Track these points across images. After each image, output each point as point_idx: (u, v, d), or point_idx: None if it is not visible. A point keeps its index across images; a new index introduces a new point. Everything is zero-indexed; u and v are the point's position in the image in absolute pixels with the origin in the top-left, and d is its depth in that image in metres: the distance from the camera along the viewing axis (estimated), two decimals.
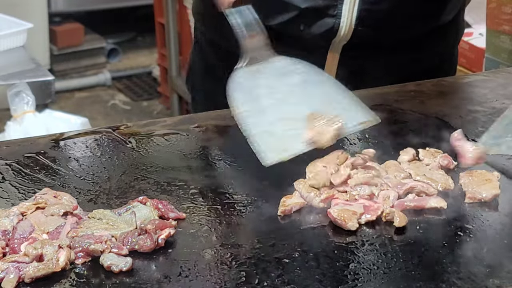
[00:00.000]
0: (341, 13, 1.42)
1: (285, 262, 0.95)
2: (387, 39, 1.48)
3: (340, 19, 1.42)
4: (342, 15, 1.42)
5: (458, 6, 1.58)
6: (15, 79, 2.66)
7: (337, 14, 1.42)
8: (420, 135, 1.25)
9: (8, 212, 1.00)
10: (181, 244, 0.98)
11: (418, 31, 1.52)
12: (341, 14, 1.42)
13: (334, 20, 1.42)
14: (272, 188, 1.10)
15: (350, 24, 1.43)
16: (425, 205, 1.07)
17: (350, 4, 1.41)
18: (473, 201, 1.08)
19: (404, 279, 0.93)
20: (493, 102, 1.43)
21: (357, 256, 0.97)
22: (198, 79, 1.69)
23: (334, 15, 1.42)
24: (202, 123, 1.32)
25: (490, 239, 1.01)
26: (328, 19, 1.42)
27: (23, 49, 2.87)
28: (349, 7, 1.41)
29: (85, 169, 1.16)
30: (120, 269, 0.92)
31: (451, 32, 1.61)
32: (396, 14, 1.45)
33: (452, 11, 1.56)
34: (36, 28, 3.49)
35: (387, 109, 1.38)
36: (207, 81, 1.65)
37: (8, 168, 1.16)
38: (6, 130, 2.72)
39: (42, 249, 0.93)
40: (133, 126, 1.31)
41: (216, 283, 0.91)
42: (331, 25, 1.43)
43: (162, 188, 1.12)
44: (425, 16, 1.51)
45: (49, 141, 1.25)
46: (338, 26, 1.42)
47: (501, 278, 0.93)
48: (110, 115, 4.52)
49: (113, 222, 0.99)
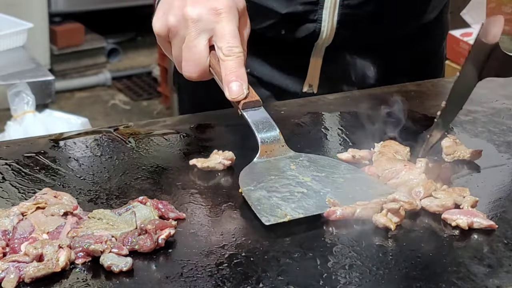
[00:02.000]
0: (321, 18, 1.42)
1: (285, 262, 0.95)
2: (370, 40, 1.48)
3: (321, 24, 1.42)
4: (323, 19, 1.42)
5: (442, 3, 1.58)
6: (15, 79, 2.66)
7: (317, 19, 1.42)
8: (420, 135, 1.25)
9: (8, 212, 1.00)
10: (181, 244, 0.98)
11: (402, 31, 1.52)
12: (321, 18, 1.42)
13: (315, 25, 1.43)
14: None
15: (331, 27, 1.43)
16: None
17: (330, 9, 1.41)
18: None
19: (404, 279, 0.93)
20: (493, 102, 1.43)
21: (357, 256, 0.97)
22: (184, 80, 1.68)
23: (314, 20, 1.42)
24: (202, 123, 1.32)
25: (490, 239, 1.01)
26: (309, 24, 1.43)
27: (23, 49, 2.87)
28: (330, 11, 1.41)
29: (85, 169, 1.16)
30: (120, 269, 0.92)
31: (436, 29, 1.60)
32: (377, 16, 1.45)
33: (435, 9, 1.56)
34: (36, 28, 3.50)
35: (385, 110, 1.38)
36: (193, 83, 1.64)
37: (8, 168, 1.16)
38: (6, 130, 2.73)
39: (42, 249, 0.93)
40: (133, 126, 1.31)
41: (216, 283, 0.91)
42: (312, 30, 1.43)
43: (162, 188, 1.12)
44: (407, 16, 1.51)
45: (49, 141, 1.25)
46: (320, 30, 1.43)
47: (501, 278, 0.93)
48: (110, 115, 4.53)
49: (113, 222, 0.99)
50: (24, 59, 2.82)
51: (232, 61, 1.15)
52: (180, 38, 1.17)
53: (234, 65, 1.15)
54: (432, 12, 1.55)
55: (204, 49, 1.17)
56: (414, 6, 1.52)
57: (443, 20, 1.62)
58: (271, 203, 1.05)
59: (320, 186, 1.09)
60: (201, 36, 1.16)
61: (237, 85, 1.15)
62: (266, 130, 1.16)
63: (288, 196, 1.07)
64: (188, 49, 1.17)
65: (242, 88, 1.15)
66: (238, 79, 1.15)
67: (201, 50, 1.16)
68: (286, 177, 1.11)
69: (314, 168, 1.14)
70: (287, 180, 1.10)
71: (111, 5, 4.99)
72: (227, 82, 1.15)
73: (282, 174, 1.12)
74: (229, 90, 1.15)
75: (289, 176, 1.11)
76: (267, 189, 1.08)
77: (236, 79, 1.15)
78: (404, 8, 1.49)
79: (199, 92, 1.50)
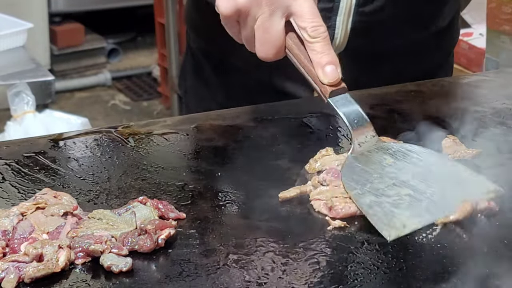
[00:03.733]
0: (335, 25, 1.41)
1: (285, 262, 0.95)
2: (383, 48, 1.48)
3: (334, 30, 1.41)
4: (337, 26, 1.41)
5: (454, 10, 1.58)
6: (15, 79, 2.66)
7: (331, 25, 1.41)
8: (420, 136, 1.25)
9: (8, 212, 1.00)
10: (181, 244, 0.98)
11: (414, 38, 1.51)
12: (335, 25, 1.41)
13: (329, 31, 1.41)
14: (272, 188, 1.10)
15: (345, 34, 1.42)
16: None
17: (344, 16, 1.40)
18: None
19: (404, 279, 0.93)
20: (493, 102, 1.43)
21: (357, 256, 0.97)
22: (191, 86, 1.68)
23: (328, 27, 1.41)
24: (202, 123, 1.32)
25: (490, 239, 1.01)
26: None
27: (23, 49, 2.87)
28: (344, 18, 1.41)
29: (85, 169, 1.16)
30: (120, 269, 0.92)
31: (448, 36, 1.60)
32: (391, 24, 1.44)
33: (448, 16, 1.56)
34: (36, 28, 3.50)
35: (387, 109, 1.38)
36: (199, 89, 1.64)
37: (8, 168, 1.16)
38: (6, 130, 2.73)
39: (42, 249, 0.93)
40: (133, 126, 1.31)
41: (216, 283, 0.91)
42: None
43: (162, 188, 1.12)
44: (421, 23, 1.51)
45: (49, 141, 1.25)
46: (333, 37, 1.42)
47: (501, 278, 0.93)
48: (110, 115, 4.53)
49: (113, 222, 0.99)
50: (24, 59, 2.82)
51: (320, 42, 1.10)
52: (252, 18, 1.11)
53: (324, 46, 1.10)
54: (445, 19, 1.54)
55: (281, 29, 1.11)
56: (428, 13, 1.51)
57: (455, 27, 1.61)
58: (385, 211, 1.02)
59: (424, 186, 1.05)
60: (276, 15, 1.10)
61: (332, 68, 1.10)
62: (356, 117, 1.10)
63: (398, 201, 1.03)
64: (263, 30, 1.11)
65: (337, 71, 1.10)
66: (331, 62, 1.10)
67: (277, 30, 1.11)
68: (388, 175, 1.07)
69: (409, 162, 1.10)
70: (390, 180, 1.06)
71: (111, 5, 4.99)
72: (321, 65, 1.10)
73: (382, 172, 1.07)
74: (324, 74, 1.09)
75: (390, 174, 1.07)
76: (374, 192, 1.04)
77: (330, 62, 1.10)
78: (418, 16, 1.49)
79: (205, 97, 1.50)
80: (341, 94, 1.11)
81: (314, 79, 1.12)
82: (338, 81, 1.10)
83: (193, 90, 1.67)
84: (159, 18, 4.33)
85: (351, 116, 1.10)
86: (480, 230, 1.02)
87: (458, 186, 1.07)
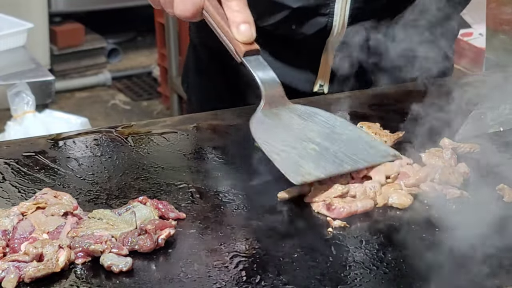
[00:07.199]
0: (333, 12, 1.40)
1: (285, 262, 0.95)
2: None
3: (332, 18, 1.41)
4: (335, 13, 1.40)
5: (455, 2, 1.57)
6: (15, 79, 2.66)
7: (329, 12, 1.40)
8: (420, 136, 1.25)
9: (8, 212, 1.00)
10: (181, 244, 0.98)
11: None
12: (333, 12, 1.40)
13: (327, 19, 1.41)
14: (272, 188, 1.10)
15: (343, 22, 1.42)
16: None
17: (342, 3, 1.40)
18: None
19: (404, 279, 0.93)
20: (493, 102, 1.43)
21: (356, 256, 0.97)
22: (193, 80, 1.69)
23: (326, 14, 1.40)
24: (202, 123, 1.32)
25: (490, 239, 1.01)
26: (320, 18, 1.41)
27: (23, 49, 2.87)
28: (342, 5, 1.40)
29: (85, 169, 1.16)
30: (120, 269, 0.92)
31: (448, 28, 1.60)
32: (389, 10, 1.44)
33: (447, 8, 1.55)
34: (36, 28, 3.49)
35: (387, 109, 1.38)
36: (201, 82, 1.64)
37: (8, 168, 1.16)
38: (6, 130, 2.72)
39: (42, 249, 0.93)
40: (133, 126, 1.31)
41: (216, 283, 0.91)
42: (324, 24, 1.41)
43: (162, 188, 1.12)
44: None
45: (49, 141, 1.25)
46: (331, 25, 1.41)
47: (501, 278, 0.93)
48: (110, 115, 4.53)
49: (113, 222, 0.99)
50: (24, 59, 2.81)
51: (236, 1, 1.11)
52: None
53: (240, 4, 1.11)
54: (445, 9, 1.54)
55: None
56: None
57: (454, 21, 1.61)
58: (292, 160, 1.05)
59: (328, 143, 1.10)
60: None
61: (246, 26, 1.10)
62: (268, 79, 1.13)
63: (304, 153, 1.07)
64: None
65: (251, 30, 1.11)
66: (246, 20, 1.11)
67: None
68: (295, 131, 1.10)
69: (315, 122, 1.14)
70: (297, 135, 1.10)
71: (111, 5, 4.99)
72: (236, 24, 1.10)
73: (290, 127, 1.11)
74: (238, 32, 1.10)
75: (297, 130, 1.11)
76: (282, 144, 1.07)
77: (244, 20, 1.10)
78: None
79: (207, 91, 1.50)
80: (254, 55, 1.13)
81: (229, 38, 1.13)
82: (251, 40, 1.12)
83: (195, 84, 1.67)
84: (159, 18, 4.33)
85: (264, 77, 1.13)
86: (481, 230, 1.02)
87: (360, 146, 1.13)
